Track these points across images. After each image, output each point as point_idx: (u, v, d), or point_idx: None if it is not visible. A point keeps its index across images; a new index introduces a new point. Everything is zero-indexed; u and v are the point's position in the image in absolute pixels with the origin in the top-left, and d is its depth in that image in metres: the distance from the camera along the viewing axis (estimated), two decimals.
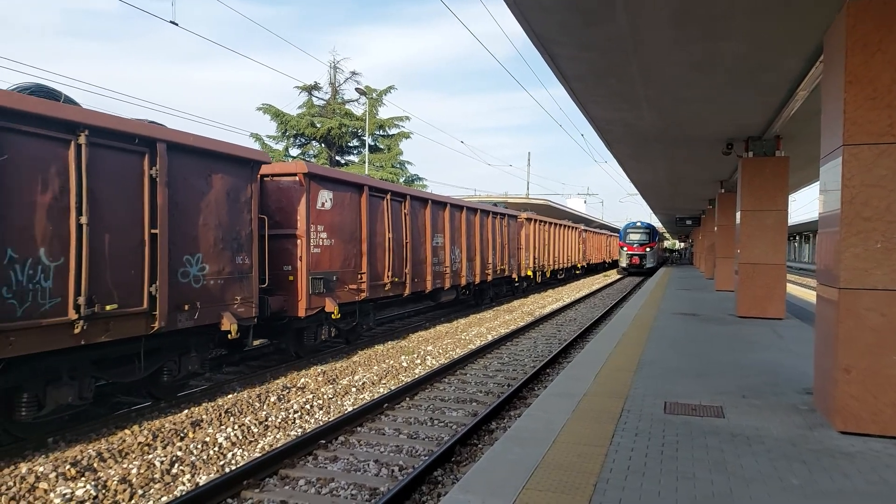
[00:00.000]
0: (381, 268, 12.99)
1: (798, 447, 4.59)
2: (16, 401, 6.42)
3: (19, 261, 6.05)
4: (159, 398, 8.26)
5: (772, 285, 12.34)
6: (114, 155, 7.00)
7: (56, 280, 6.37)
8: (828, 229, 5.22)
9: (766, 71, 8.11)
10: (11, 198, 6.00)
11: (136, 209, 7.29)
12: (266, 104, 35.50)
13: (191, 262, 8.12)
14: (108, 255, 6.92)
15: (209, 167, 8.39)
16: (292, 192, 10.38)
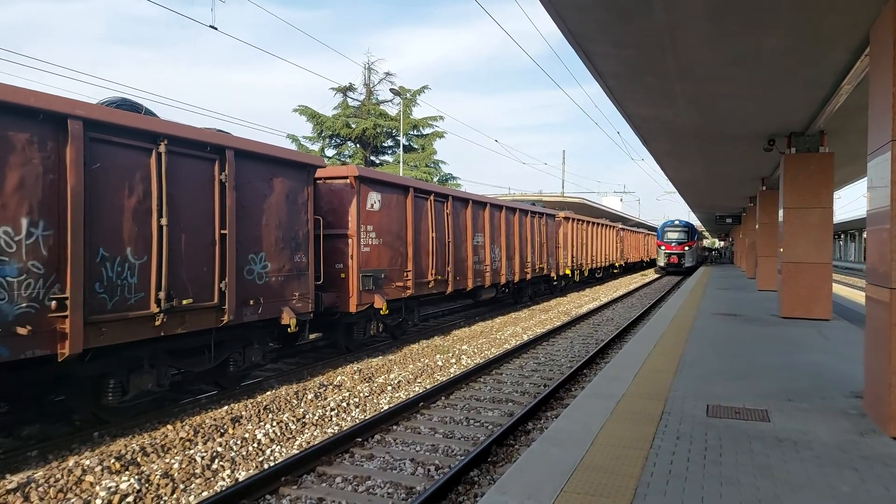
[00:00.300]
0: (425, 266, 13.43)
1: (848, 453, 4.44)
2: (103, 386, 7.04)
3: (109, 259, 6.68)
4: (224, 387, 8.83)
5: (817, 285, 11.96)
6: (188, 162, 7.61)
7: (140, 276, 7.00)
8: (877, 227, 5.03)
9: (810, 65, 7.86)
10: (102, 202, 6.61)
11: (207, 211, 7.87)
12: (302, 106, 36.05)
13: (255, 260, 8.69)
14: (183, 253, 7.51)
15: (271, 171, 8.97)
16: (344, 195, 10.97)
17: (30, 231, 5.95)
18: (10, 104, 5.76)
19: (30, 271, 5.93)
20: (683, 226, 43.47)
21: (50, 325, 6.09)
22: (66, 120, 6.18)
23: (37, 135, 6.01)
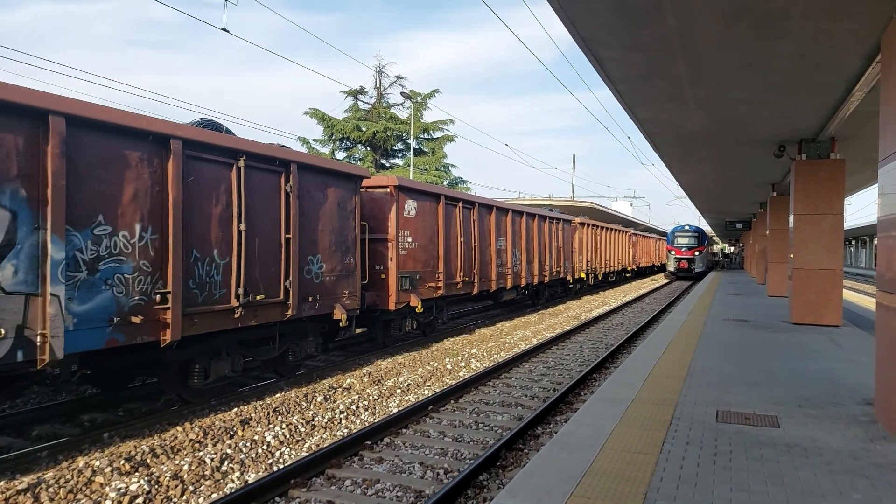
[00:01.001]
0: (454, 268, 14.50)
1: (859, 460, 4.42)
2: (189, 371, 8.03)
3: (200, 259, 7.72)
4: (282, 375, 9.83)
5: (828, 291, 11.89)
6: (261, 174, 8.67)
7: (223, 275, 8.02)
8: (889, 233, 5.01)
9: (822, 70, 7.84)
10: (195, 210, 7.62)
11: (275, 218, 8.90)
12: (313, 108, 36.25)
13: (313, 261, 9.73)
14: (256, 255, 8.54)
15: (325, 182, 10.00)
16: (384, 202, 12.00)
17: (141, 235, 6.97)
18: (128, 127, 6.75)
19: (141, 269, 6.96)
20: (693, 231, 43.29)
21: (155, 316, 7.11)
22: (169, 140, 7.18)
23: (146, 153, 7.02)
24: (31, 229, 5.91)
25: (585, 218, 28.25)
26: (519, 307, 21.89)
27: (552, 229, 22.29)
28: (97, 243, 6.51)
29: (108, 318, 6.60)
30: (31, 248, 5.90)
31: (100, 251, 6.53)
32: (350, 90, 37.18)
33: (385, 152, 37.75)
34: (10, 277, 5.72)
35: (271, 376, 10.15)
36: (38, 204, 5.95)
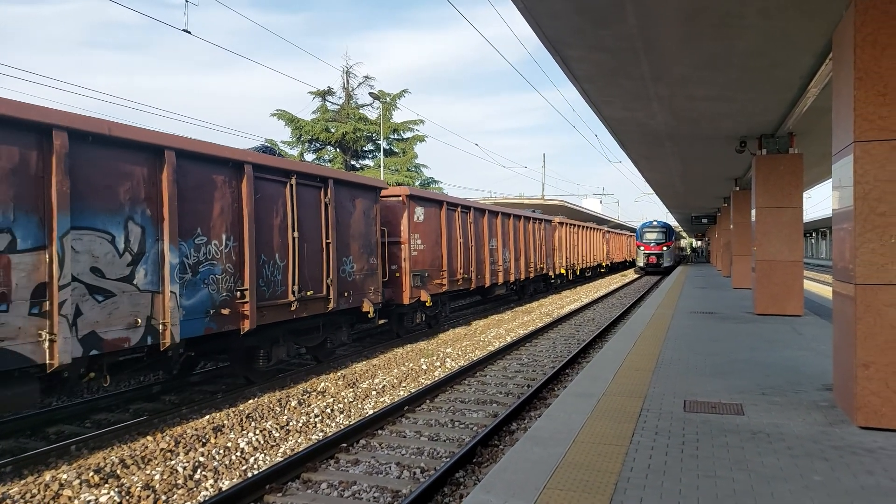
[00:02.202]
0: (455, 266, 16.19)
1: (819, 444, 4.59)
2: (255, 355, 9.46)
3: (267, 262, 9.27)
4: (320, 361, 11.28)
5: (789, 282, 12.25)
6: (307, 190, 10.22)
7: (283, 274, 9.58)
8: (842, 225, 5.21)
9: (778, 68, 8.09)
10: (262, 221, 9.16)
11: (318, 226, 10.47)
12: (280, 110, 35.94)
13: (346, 262, 11.28)
14: (306, 257, 10.09)
15: (354, 194, 11.61)
16: (397, 209, 13.63)
17: (226, 243, 8.52)
18: (216, 157, 8.33)
19: (227, 271, 8.50)
20: (661, 226, 44.06)
21: (237, 309, 8.62)
22: (243, 165, 8.78)
23: (227, 176, 8.60)
24: (154, 241, 7.46)
25: (564, 218, 29.94)
26: (506, 301, 23.25)
27: (535, 229, 24.14)
28: (197, 251, 8.07)
29: (206, 310, 8.16)
30: (154, 256, 7.45)
31: (199, 257, 8.08)
32: (318, 91, 36.92)
33: (355, 153, 37.58)
34: (142, 279, 7.28)
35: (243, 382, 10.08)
36: (158, 220, 7.51)
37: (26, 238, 6.11)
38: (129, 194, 7.15)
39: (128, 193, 7.14)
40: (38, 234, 6.21)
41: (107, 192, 6.90)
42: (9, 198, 5.97)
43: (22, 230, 6.07)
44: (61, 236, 6.32)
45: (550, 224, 26.95)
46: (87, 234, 6.66)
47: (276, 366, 10.16)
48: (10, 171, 6.00)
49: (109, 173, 6.94)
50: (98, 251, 6.78)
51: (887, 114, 4.68)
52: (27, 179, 6.13)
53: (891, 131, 4.68)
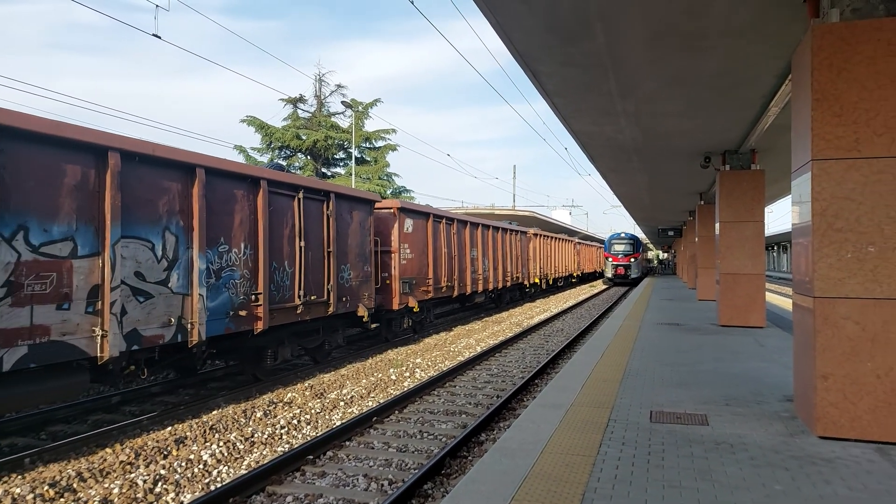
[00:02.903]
0: (440, 275, 17.07)
1: (780, 454, 4.70)
2: (263, 355, 10.25)
3: (277, 268, 10.13)
4: (318, 361, 12.12)
5: (752, 295, 12.56)
6: (312, 203, 11.14)
7: (291, 280, 10.44)
8: (801, 240, 5.38)
9: (740, 87, 8.34)
10: (274, 232, 10.00)
11: (321, 236, 11.37)
12: (250, 116, 35.49)
13: (345, 269, 12.13)
14: (310, 265, 10.97)
15: (351, 206, 12.52)
16: (389, 221, 14.47)
17: (244, 251, 9.40)
18: (237, 173, 9.30)
19: (244, 276, 9.37)
20: (629, 238, 44.77)
21: (252, 311, 9.49)
22: (259, 181, 9.66)
23: (246, 191, 9.50)
24: (185, 248, 8.33)
25: (538, 229, 31.04)
26: (483, 309, 24.35)
27: (512, 240, 25.37)
28: (220, 258, 8.95)
29: (226, 311, 9.02)
30: (185, 262, 8.33)
31: (221, 263, 8.97)
32: (289, 98, 36.66)
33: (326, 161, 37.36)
34: (175, 282, 8.13)
35: (206, 392, 9.87)
36: (189, 230, 8.39)
37: (85, 245, 6.99)
38: (166, 207, 8.07)
39: (165, 206, 8.06)
40: (94, 242, 7.10)
41: (149, 205, 7.82)
42: (72, 210, 6.84)
43: (82, 238, 6.95)
44: (113, 244, 7.23)
45: (526, 235, 28.09)
46: (132, 242, 7.58)
47: (280, 364, 11.00)
48: (74, 187, 6.87)
49: (151, 188, 7.87)
50: (141, 257, 7.69)
51: (843, 134, 4.86)
52: (86, 194, 7.01)
53: (846, 150, 4.86)
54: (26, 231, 6.37)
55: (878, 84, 4.77)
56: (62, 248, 6.71)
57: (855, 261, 4.86)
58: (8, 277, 6.18)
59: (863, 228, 4.83)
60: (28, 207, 6.39)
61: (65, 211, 6.74)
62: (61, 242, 6.70)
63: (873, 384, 4.82)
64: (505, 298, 25.88)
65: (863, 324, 4.84)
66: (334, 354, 12.92)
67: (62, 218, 6.72)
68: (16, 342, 6.21)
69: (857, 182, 4.84)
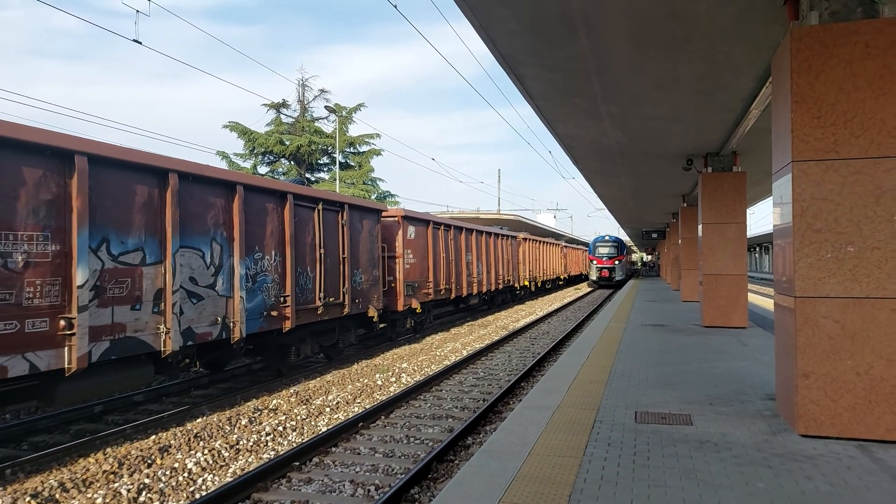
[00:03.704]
0: (439, 278, 18.08)
1: (763, 452, 4.75)
2: (286, 352, 11.21)
3: (302, 273, 11.21)
4: (331, 358, 13.04)
5: (734, 295, 12.70)
6: (329, 213, 12.24)
7: (312, 284, 11.56)
8: (782, 240, 5.45)
9: (722, 90, 8.45)
10: (298, 240, 11.07)
11: (336, 243, 12.46)
12: (233, 122, 35.27)
13: (357, 274, 13.22)
14: (329, 270, 12.07)
15: (362, 216, 13.61)
16: (393, 228, 15.52)
17: (274, 258, 10.45)
18: (270, 189, 10.40)
19: (273, 280, 10.40)
20: (613, 241, 45.07)
21: (281, 311, 10.55)
22: (287, 195, 10.74)
23: (276, 204, 10.57)
24: (228, 256, 9.39)
25: (527, 234, 32.13)
26: (477, 311, 25.30)
27: (503, 244, 26.48)
28: (255, 264, 9.98)
29: (261, 312, 10.05)
30: (228, 268, 9.40)
31: (257, 269, 10.01)
32: (272, 103, 36.48)
33: (310, 166, 37.21)
34: (220, 286, 9.21)
35: (190, 399, 9.76)
36: (231, 240, 9.44)
37: (151, 255, 8.06)
38: (213, 220, 9.12)
39: (212, 219, 9.11)
40: (158, 252, 8.16)
41: (199, 219, 8.85)
42: (142, 224, 7.92)
43: (149, 249, 8.02)
44: (174, 253, 8.28)
45: (516, 240, 29.23)
46: (187, 251, 8.61)
47: (302, 361, 12.03)
48: (142, 204, 7.95)
49: (201, 204, 8.90)
50: (194, 264, 8.73)
51: (822, 135, 4.94)
52: (152, 210, 8.08)
53: (825, 152, 4.94)
54: (108, 243, 7.46)
55: (855, 86, 4.86)
56: (134, 257, 7.82)
57: (834, 261, 4.94)
58: (95, 282, 7.23)
59: (842, 229, 4.91)
60: (108, 223, 7.47)
61: (136, 225, 7.85)
62: (134, 252, 7.82)
63: (853, 382, 4.89)
64: (497, 300, 26.85)
65: (842, 322, 4.91)
66: (346, 352, 13.83)
67: (134, 231, 7.83)
68: (101, 337, 7.29)
69: (836, 183, 4.92)
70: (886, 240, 4.81)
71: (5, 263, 6.34)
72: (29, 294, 6.53)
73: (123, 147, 7.75)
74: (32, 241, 6.62)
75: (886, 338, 4.82)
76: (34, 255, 6.63)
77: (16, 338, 6.36)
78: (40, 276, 6.66)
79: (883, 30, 4.79)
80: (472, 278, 21.53)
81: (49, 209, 6.79)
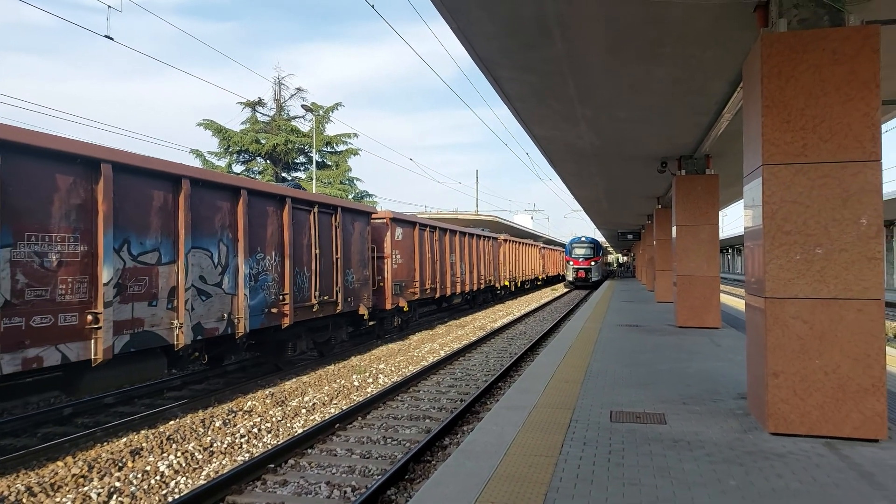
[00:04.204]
0: (424, 277, 18.69)
1: (735, 450, 4.84)
2: (283, 347, 11.87)
3: (299, 272, 11.77)
4: (323, 354, 13.58)
5: (707, 296, 12.91)
6: (324, 216, 12.85)
7: (308, 283, 12.13)
8: (753, 242, 5.56)
9: (695, 93, 8.58)
10: (296, 242, 11.66)
11: (330, 244, 13.06)
12: (207, 120, 34.81)
13: (348, 273, 13.77)
14: (323, 269, 12.62)
15: (353, 218, 14.17)
16: (382, 230, 16.11)
17: (274, 258, 11.03)
18: (271, 193, 11.00)
19: (273, 279, 10.97)
20: (589, 242, 45.47)
21: (280, 309, 11.13)
22: (286, 199, 11.32)
23: (276, 207, 11.15)
24: (233, 256, 9.99)
25: (508, 235, 33.20)
26: (460, 309, 26.31)
27: (485, 245, 27.40)
28: (258, 264, 10.54)
29: (262, 309, 10.62)
30: (233, 267, 9.99)
31: (259, 268, 10.57)
32: (248, 102, 36.09)
33: (286, 165, 36.88)
34: (226, 284, 9.79)
35: (163, 401, 9.60)
36: (236, 241, 10.04)
37: (166, 255, 8.62)
38: (220, 222, 9.70)
39: (219, 222, 9.68)
40: (172, 252, 8.74)
41: (208, 222, 9.46)
42: (158, 227, 8.50)
43: (164, 249, 8.59)
44: (186, 253, 8.87)
45: (497, 241, 30.12)
46: (198, 251, 9.20)
47: (298, 356, 12.78)
48: (159, 208, 8.53)
49: (210, 207, 9.50)
50: (203, 264, 9.32)
51: (791, 139, 5.05)
52: (166, 213, 8.65)
53: (795, 156, 5.05)
54: (129, 244, 8.02)
55: (823, 91, 4.98)
56: (151, 257, 8.37)
57: (803, 262, 5.05)
58: (118, 280, 7.80)
59: (810, 231, 5.02)
60: (129, 225, 8.04)
61: (153, 227, 8.41)
62: (151, 252, 8.37)
63: (821, 381, 5.01)
64: (478, 300, 27.87)
65: (811, 323, 5.03)
66: (337, 349, 14.50)
67: (151, 233, 8.39)
68: (123, 331, 7.86)
69: (805, 186, 5.03)
70: (853, 242, 4.94)
71: (42, 262, 6.90)
72: (62, 291, 7.12)
73: (143, 155, 8.27)
74: (64, 242, 7.19)
75: (853, 338, 4.94)
76: (66, 254, 7.20)
77: (50, 331, 6.94)
78: (71, 275, 7.24)
79: (850, 37, 4.92)
80: (455, 278, 22.26)
81: (79, 213, 7.36)
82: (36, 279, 6.80)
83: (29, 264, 6.75)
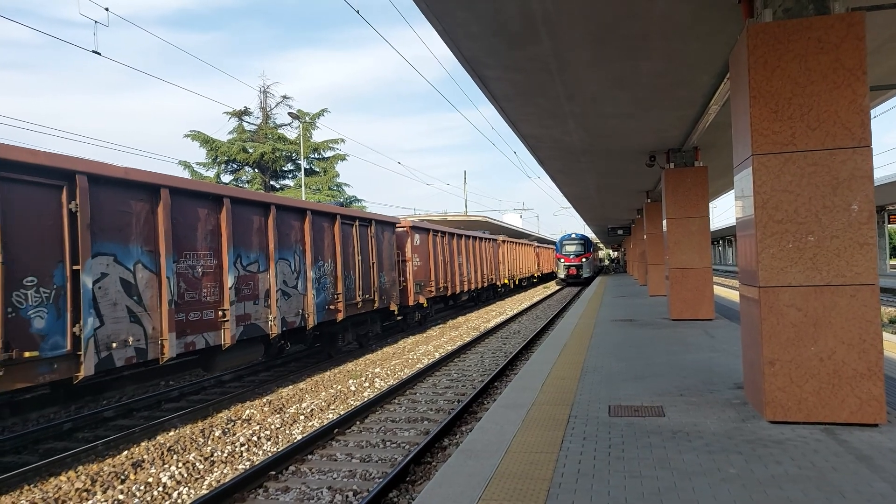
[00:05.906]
0: (438, 277, 21.12)
1: (733, 439, 4.87)
2: (334, 339, 14.03)
3: (347, 276, 13.93)
4: (362, 345, 15.73)
5: (700, 288, 12.98)
6: (363, 228, 15.17)
7: (353, 284, 14.39)
8: (745, 232, 5.60)
9: (681, 86, 8.64)
10: (343, 250, 13.84)
11: (368, 251, 15.30)
12: (194, 131, 34.66)
13: (382, 275, 16.06)
14: (364, 273, 14.87)
15: (383, 228, 16.54)
16: (404, 237, 18.51)
17: (329, 265, 13.29)
18: (325, 212, 13.25)
19: (330, 282, 13.24)
20: (580, 239, 45.55)
21: (336, 306, 13.39)
22: (336, 216, 13.70)
23: (329, 223, 13.43)
24: (303, 264, 12.24)
25: (506, 237, 35.52)
26: (466, 306, 28.50)
27: (486, 247, 29.65)
28: (319, 270, 12.83)
29: (324, 306, 12.86)
30: (303, 273, 12.21)
31: (320, 274, 12.84)
32: (234, 111, 35.99)
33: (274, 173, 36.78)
34: (300, 286, 12.05)
35: (161, 413, 9.54)
36: (304, 253, 12.30)
37: (262, 264, 10.94)
38: (294, 237, 11.99)
39: (294, 237, 11.98)
40: (266, 262, 11.04)
41: (286, 238, 11.72)
42: (257, 244, 10.80)
43: (261, 260, 10.92)
44: (275, 263, 11.17)
45: (496, 242, 32.40)
46: (281, 261, 11.48)
47: (346, 346, 14.89)
48: (256, 229, 10.81)
49: (288, 226, 11.81)
50: (285, 271, 11.61)
51: (779, 129, 5.10)
52: (261, 233, 10.96)
53: (783, 145, 5.09)
54: (240, 257, 10.33)
55: (809, 80, 5.03)
56: (254, 267, 10.69)
57: (796, 250, 5.09)
58: (236, 285, 10.09)
59: (801, 219, 5.07)
60: (240, 244, 10.34)
61: (254, 244, 10.73)
62: (254, 263, 10.69)
63: (817, 367, 5.05)
64: (482, 297, 30.34)
65: (805, 310, 5.07)
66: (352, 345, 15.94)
67: (253, 248, 10.69)
68: (239, 323, 10.14)
69: (795, 175, 5.08)
70: (844, 228, 4.99)
71: (193, 273, 9.25)
72: (205, 293, 9.48)
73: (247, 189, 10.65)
74: (205, 258, 9.55)
75: (847, 323, 4.99)
76: (206, 266, 9.56)
77: (199, 323, 9.31)
78: (209, 282, 9.58)
79: (834, 25, 4.96)
80: (463, 277, 24.65)
81: (211, 236, 9.72)
82: (190, 285, 9.16)
83: (186, 274, 9.09)
